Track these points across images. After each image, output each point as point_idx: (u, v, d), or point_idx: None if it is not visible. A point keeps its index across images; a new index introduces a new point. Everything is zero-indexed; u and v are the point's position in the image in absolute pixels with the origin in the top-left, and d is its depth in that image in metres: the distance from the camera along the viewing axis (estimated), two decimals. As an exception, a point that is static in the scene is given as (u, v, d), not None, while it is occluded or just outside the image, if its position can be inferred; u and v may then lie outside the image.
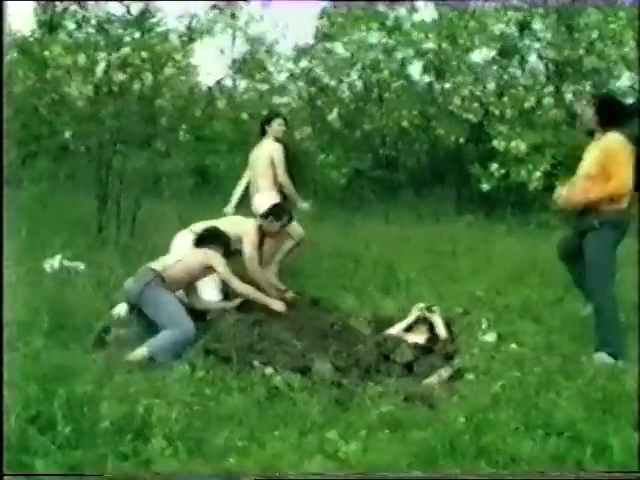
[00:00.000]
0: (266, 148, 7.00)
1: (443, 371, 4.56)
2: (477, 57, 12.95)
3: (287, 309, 5.50)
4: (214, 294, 5.71)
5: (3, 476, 2.82)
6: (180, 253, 5.47)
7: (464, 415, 3.64)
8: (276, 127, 7.08)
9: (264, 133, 7.13)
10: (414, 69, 13.43)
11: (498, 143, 11.30)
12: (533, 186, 10.91)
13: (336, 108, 12.98)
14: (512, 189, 11.59)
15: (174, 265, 5.09)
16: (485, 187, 11.46)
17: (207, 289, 5.64)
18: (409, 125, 12.61)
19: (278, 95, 13.62)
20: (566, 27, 12.18)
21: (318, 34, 13.63)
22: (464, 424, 3.54)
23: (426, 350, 4.97)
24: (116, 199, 8.02)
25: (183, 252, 5.45)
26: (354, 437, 3.39)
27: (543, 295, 6.22)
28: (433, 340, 5.32)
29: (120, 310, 5.15)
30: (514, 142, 11.07)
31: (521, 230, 10.28)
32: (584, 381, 4.21)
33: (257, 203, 6.80)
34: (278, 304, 5.45)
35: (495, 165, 11.37)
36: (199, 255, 5.27)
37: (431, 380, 4.47)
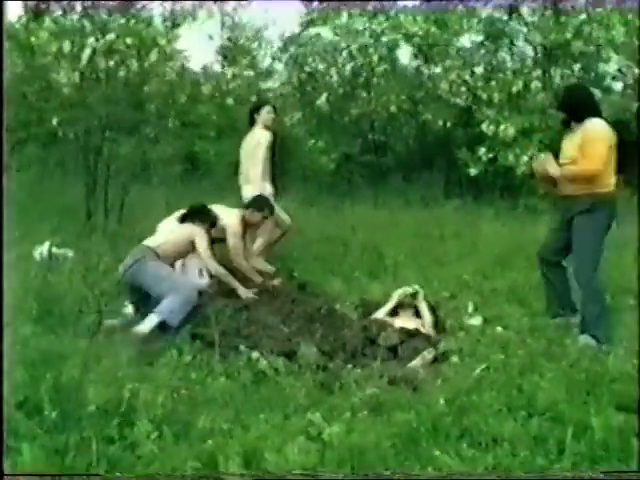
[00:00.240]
0: (256, 136, 6.97)
1: (426, 353, 4.60)
2: (465, 41, 12.97)
3: (271, 296, 5.64)
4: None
5: (3, 476, 2.84)
6: (169, 228, 5.65)
7: (447, 397, 3.69)
8: (265, 115, 7.05)
9: (253, 122, 7.11)
10: (402, 53, 13.44)
11: (486, 127, 11.29)
12: (521, 170, 10.91)
13: (325, 93, 12.97)
14: (500, 173, 11.66)
15: (166, 242, 5.29)
16: (473, 171, 11.51)
17: (195, 271, 5.84)
18: (397, 110, 12.62)
19: (267, 81, 13.61)
20: (553, 11, 12.17)
21: (303, 22, 13.58)
22: (447, 406, 3.59)
23: (412, 334, 5.00)
24: (104, 186, 8.02)
25: (171, 228, 5.61)
26: (338, 419, 3.42)
27: (530, 279, 6.24)
28: (420, 325, 5.36)
29: (128, 310, 5.29)
30: (502, 126, 11.07)
31: (509, 214, 10.30)
32: (567, 363, 4.26)
33: (246, 194, 6.80)
34: (245, 291, 5.60)
35: (483, 149, 11.39)
36: (185, 229, 5.46)
37: (415, 363, 4.51)
